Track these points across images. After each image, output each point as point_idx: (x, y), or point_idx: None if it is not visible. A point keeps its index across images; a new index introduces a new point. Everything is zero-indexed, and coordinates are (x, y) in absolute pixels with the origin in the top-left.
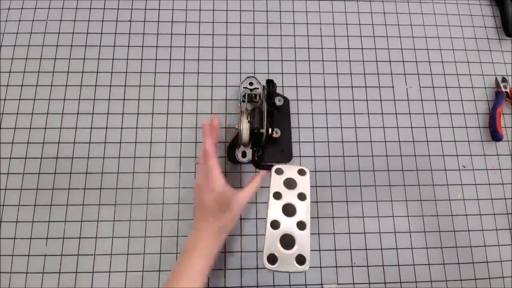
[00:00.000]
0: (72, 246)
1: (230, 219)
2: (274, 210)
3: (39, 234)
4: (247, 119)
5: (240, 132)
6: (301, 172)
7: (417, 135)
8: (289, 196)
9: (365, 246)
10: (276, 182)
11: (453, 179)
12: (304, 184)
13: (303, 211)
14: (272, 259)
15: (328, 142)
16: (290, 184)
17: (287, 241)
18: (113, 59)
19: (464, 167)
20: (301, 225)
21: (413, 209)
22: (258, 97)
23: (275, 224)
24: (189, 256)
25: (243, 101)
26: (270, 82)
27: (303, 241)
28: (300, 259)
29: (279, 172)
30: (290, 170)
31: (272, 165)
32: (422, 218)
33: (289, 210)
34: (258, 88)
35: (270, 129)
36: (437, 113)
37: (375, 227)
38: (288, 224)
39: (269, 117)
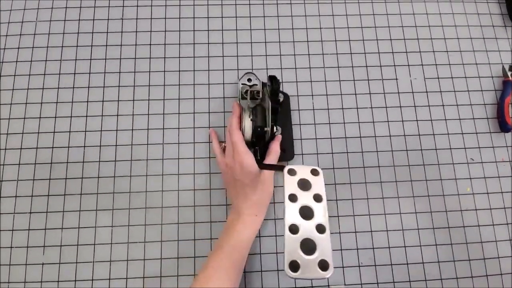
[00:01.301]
0: (70, 253)
1: (266, 191)
2: (291, 214)
3: (36, 243)
4: (249, 117)
5: (243, 130)
6: (315, 172)
7: (423, 129)
8: (305, 198)
9: (372, 245)
10: (290, 184)
11: (461, 173)
12: (318, 184)
13: (321, 213)
14: (294, 266)
15: (331, 138)
16: (304, 185)
17: (308, 246)
18: (105, 59)
19: (473, 160)
20: (320, 228)
21: (421, 205)
22: (260, 93)
23: (293, 229)
24: (227, 240)
25: (244, 98)
26: (273, 79)
27: (324, 245)
28: (323, 265)
29: (292, 173)
30: (302, 171)
31: (275, 165)
32: (430, 214)
33: (306, 213)
34: (257, 84)
35: (275, 128)
36: (443, 105)
37: (382, 225)
38: (307, 228)
39: (273, 115)
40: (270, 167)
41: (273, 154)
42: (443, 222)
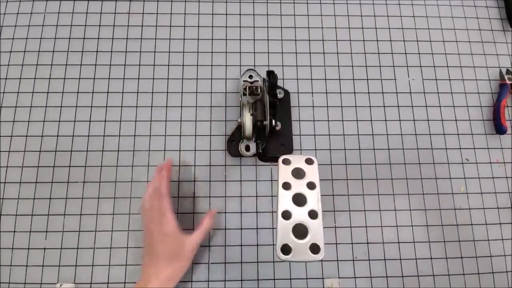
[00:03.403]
0: (72, 239)
1: (181, 267)
2: (285, 201)
3: (38, 227)
4: (249, 112)
5: (243, 125)
6: (309, 161)
7: (420, 128)
8: (299, 186)
9: (366, 240)
10: (284, 173)
11: (456, 173)
12: (312, 173)
13: (314, 200)
14: (286, 249)
15: (329, 135)
16: (298, 173)
17: (300, 231)
18: (111, 51)
19: (468, 160)
20: (313, 214)
21: (416, 203)
22: (259, 89)
23: (286, 215)
24: None
25: (244, 94)
26: (270, 73)
27: (316, 230)
28: (314, 248)
29: (287, 162)
30: (297, 160)
31: (276, 158)
32: (424, 212)
33: (299, 200)
34: (258, 81)
35: (273, 121)
36: (440, 106)
37: (377, 221)
38: (299, 214)
39: (272, 109)
40: (271, 160)
41: (204, 225)
42: (437, 220)
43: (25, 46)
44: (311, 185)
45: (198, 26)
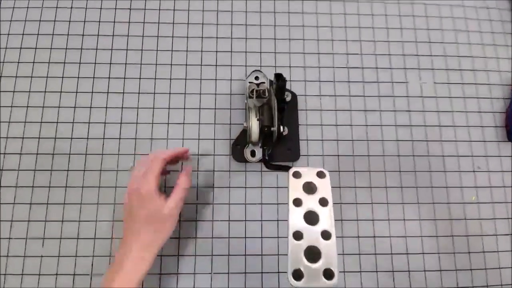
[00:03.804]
0: (69, 246)
1: (162, 231)
2: (296, 219)
3: (35, 234)
4: (256, 116)
5: (249, 130)
6: (321, 175)
7: (431, 134)
8: (310, 202)
9: (374, 251)
10: (295, 187)
11: (467, 181)
12: (325, 187)
13: (327, 218)
14: (298, 275)
15: (337, 140)
16: (310, 188)
17: (313, 254)
18: (111, 49)
19: (479, 168)
20: (326, 235)
21: (425, 212)
22: (266, 93)
23: (298, 235)
24: (112, 280)
25: (250, 96)
26: (279, 76)
27: (330, 252)
28: (328, 273)
29: (297, 175)
30: (308, 173)
31: (282, 165)
32: (434, 222)
33: (311, 218)
34: (264, 83)
35: (281, 127)
36: (452, 111)
37: (385, 230)
38: (311, 234)
39: (280, 114)
40: (277, 167)
41: (180, 186)
42: (447, 231)
43: (21, 42)
44: (323, 202)
45: (202, 24)
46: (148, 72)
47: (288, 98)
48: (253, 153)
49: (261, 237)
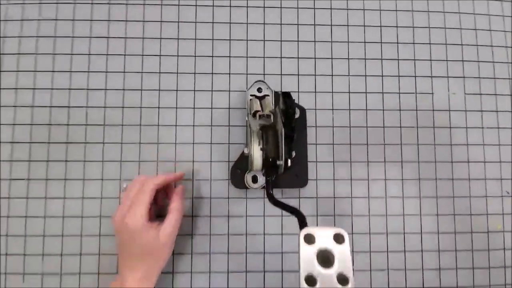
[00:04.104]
0: (74, 245)
1: (158, 261)
2: None
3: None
4: (258, 144)
5: (251, 158)
6: (338, 239)
7: (457, 154)
8: (326, 279)
9: (387, 285)
10: (307, 258)
11: (493, 207)
12: (344, 258)
13: None
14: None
15: (350, 162)
16: (326, 260)
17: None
18: (107, 54)
19: (508, 193)
20: None
21: (446, 243)
22: (271, 117)
23: None
24: None
25: (253, 116)
26: (287, 97)
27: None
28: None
29: (310, 240)
30: (323, 235)
31: (289, 206)
32: (454, 253)
33: None
34: (268, 95)
35: (289, 161)
36: (483, 127)
37: (401, 263)
38: None
39: (288, 143)
40: (283, 207)
41: (174, 209)
42: (468, 262)
43: (18, 62)
44: (342, 280)
45: (196, 22)
46: (133, 82)
47: (297, 115)
48: (255, 179)
49: (264, 271)
